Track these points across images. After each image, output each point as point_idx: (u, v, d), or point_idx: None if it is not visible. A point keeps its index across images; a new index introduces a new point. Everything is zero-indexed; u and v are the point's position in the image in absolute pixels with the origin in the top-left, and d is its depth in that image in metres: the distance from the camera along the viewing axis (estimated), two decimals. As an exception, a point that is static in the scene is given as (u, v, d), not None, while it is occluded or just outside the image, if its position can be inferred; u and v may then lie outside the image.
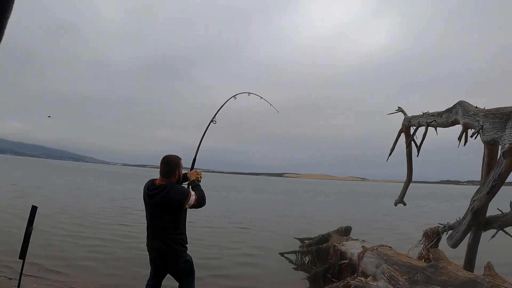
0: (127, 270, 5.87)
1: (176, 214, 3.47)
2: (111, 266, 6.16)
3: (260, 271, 6.80)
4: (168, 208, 3.43)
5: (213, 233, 10.46)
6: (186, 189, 3.57)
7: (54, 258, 6.36)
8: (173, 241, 3.48)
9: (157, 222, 3.52)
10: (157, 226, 3.52)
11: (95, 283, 5.23)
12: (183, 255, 3.59)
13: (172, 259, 3.55)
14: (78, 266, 5.98)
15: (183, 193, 3.43)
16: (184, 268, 3.62)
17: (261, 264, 7.22)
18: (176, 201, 3.40)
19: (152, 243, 3.58)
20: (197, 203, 3.47)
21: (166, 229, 3.48)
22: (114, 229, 9.34)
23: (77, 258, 6.47)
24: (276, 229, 11.83)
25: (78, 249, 7.12)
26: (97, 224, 10.11)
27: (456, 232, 3.76)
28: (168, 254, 3.53)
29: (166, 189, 3.42)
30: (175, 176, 3.56)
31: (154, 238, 3.56)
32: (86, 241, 7.86)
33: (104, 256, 6.84)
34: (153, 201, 3.47)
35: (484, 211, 3.34)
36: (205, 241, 9.05)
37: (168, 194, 3.39)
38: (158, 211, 3.47)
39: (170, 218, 3.46)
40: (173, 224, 3.48)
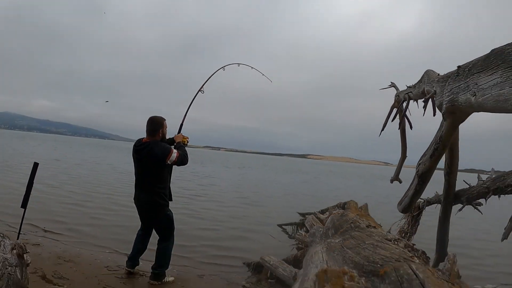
0: (125, 236, 6.21)
1: (158, 168, 3.88)
2: (110, 232, 6.49)
3: (252, 240, 6.97)
4: (151, 162, 3.85)
5: (219, 206, 10.73)
6: (169, 146, 3.98)
7: (55, 222, 6.77)
8: (155, 194, 3.89)
9: (142, 175, 3.96)
10: (142, 180, 3.97)
11: (92, 244, 5.58)
12: (164, 209, 3.99)
13: (154, 211, 3.97)
14: (78, 230, 6.35)
15: (165, 150, 3.85)
16: (163, 221, 4.03)
17: (256, 235, 7.39)
18: (158, 156, 3.81)
19: (138, 195, 4.01)
20: (179, 160, 3.91)
21: (149, 182, 3.90)
22: (121, 200, 9.74)
23: (79, 223, 6.85)
24: (283, 206, 11.95)
25: (81, 216, 7.52)
26: (105, 195, 10.58)
27: (405, 197, 3.78)
28: (150, 206, 3.95)
29: (149, 146, 3.86)
30: (159, 135, 3.99)
31: (139, 190, 4.00)
32: (90, 210, 8.28)
33: (105, 223, 7.20)
34: (138, 156, 3.93)
35: (429, 175, 3.33)
36: (208, 213, 9.32)
37: (151, 150, 3.83)
38: (143, 166, 3.92)
39: (153, 172, 3.88)
40: (156, 178, 3.90)
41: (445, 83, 2.70)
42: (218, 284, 4.34)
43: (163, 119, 4.09)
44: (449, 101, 2.45)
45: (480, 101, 1.86)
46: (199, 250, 5.93)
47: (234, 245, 6.57)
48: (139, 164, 3.99)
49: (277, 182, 23.96)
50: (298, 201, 13.12)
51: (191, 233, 6.91)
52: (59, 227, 6.36)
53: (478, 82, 1.93)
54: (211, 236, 7.09)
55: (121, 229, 6.63)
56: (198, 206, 10.22)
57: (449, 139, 2.92)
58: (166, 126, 4.10)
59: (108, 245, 5.60)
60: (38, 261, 4.21)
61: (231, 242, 6.79)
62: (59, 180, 12.77)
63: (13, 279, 1.81)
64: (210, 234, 7.22)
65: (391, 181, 7.80)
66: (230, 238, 7.11)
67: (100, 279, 3.96)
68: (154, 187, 3.89)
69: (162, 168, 3.90)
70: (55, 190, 10.45)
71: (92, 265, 4.43)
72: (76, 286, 3.66)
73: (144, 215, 4.09)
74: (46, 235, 5.72)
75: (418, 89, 4.16)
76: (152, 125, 3.98)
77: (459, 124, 2.82)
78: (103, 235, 6.20)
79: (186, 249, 5.68)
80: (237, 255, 5.84)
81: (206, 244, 6.38)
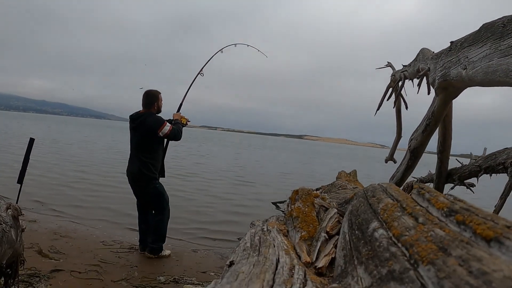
0: (121, 212, 6.25)
1: (149, 139, 3.99)
2: (106, 208, 6.54)
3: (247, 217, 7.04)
4: (143, 132, 3.98)
5: (213, 184, 10.79)
6: (162, 119, 4.07)
7: (51, 199, 6.81)
8: (143, 164, 3.98)
9: (133, 145, 4.08)
10: (133, 149, 4.09)
11: (88, 220, 5.61)
12: (152, 181, 4.04)
13: (142, 183, 4.05)
14: (74, 207, 6.39)
15: (158, 121, 3.98)
16: (152, 194, 4.09)
17: (251, 212, 7.42)
18: (150, 126, 3.94)
19: (129, 165, 4.13)
20: (171, 134, 4.01)
21: (139, 152, 4.01)
22: (117, 178, 9.77)
23: (74, 200, 6.90)
24: (278, 185, 12.06)
25: (76, 193, 7.57)
26: (100, 173, 10.61)
27: (397, 172, 3.83)
28: (138, 177, 4.03)
29: (144, 116, 4.01)
30: (154, 108, 4.10)
31: (130, 161, 4.12)
32: (86, 187, 8.33)
33: (100, 199, 7.25)
34: (133, 125, 4.07)
35: (421, 150, 3.37)
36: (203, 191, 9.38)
37: (144, 120, 3.98)
38: (136, 135, 4.04)
39: (143, 142, 4.00)
40: (145, 148, 4.00)
41: (438, 59, 2.70)
42: (212, 258, 4.42)
43: (158, 93, 4.17)
44: (441, 76, 2.46)
45: (471, 74, 1.87)
46: (194, 227, 6.00)
47: (228, 222, 6.66)
48: (132, 134, 4.11)
49: (273, 161, 24.11)
50: (294, 180, 13.21)
51: (186, 210, 6.98)
52: (55, 204, 6.41)
53: (469, 56, 1.94)
54: (205, 212, 7.17)
55: (117, 206, 6.69)
56: (192, 184, 10.30)
57: (441, 115, 2.94)
58: (161, 99, 4.18)
59: (103, 221, 5.66)
60: (34, 236, 4.27)
61: (226, 219, 6.87)
62: (55, 159, 12.78)
63: (7, 237, 1.79)
64: (205, 211, 7.29)
65: (386, 160, 7.85)
66: (224, 215, 7.19)
67: (95, 253, 4.02)
68: (143, 158, 3.98)
69: (153, 139, 4.00)
70: (51, 169, 10.46)
71: (87, 240, 4.50)
72: (72, 260, 3.72)
73: (134, 188, 4.16)
74: (42, 211, 5.77)
75: (413, 68, 4.14)
76: (148, 98, 4.10)
77: (451, 100, 2.84)
78: (98, 211, 6.25)
79: (180, 226, 5.75)
80: (231, 231, 5.92)
81: (201, 221, 6.46)
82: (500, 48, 1.67)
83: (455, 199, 0.80)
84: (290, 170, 18.28)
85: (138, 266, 3.79)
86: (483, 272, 0.47)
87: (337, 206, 1.74)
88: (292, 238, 1.51)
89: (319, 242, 1.34)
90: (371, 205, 1.16)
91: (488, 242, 0.55)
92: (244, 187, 11.15)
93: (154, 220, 4.13)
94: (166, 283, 3.42)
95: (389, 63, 6.75)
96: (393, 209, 0.98)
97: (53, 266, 3.46)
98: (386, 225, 0.90)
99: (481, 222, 0.61)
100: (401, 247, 0.73)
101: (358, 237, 1.01)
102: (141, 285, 3.28)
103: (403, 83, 5.68)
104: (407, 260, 0.65)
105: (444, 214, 0.75)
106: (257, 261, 0.94)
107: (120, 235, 4.89)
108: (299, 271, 0.86)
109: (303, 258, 1.21)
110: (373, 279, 0.69)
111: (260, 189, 10.95)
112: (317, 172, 18.88)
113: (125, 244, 4.48)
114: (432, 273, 0.54)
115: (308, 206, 1.73)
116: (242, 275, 0.78)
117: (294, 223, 1.62)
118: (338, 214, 1.58)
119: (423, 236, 0.69)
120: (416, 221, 0.81)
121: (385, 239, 0.82)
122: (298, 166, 22.04)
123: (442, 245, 0.60)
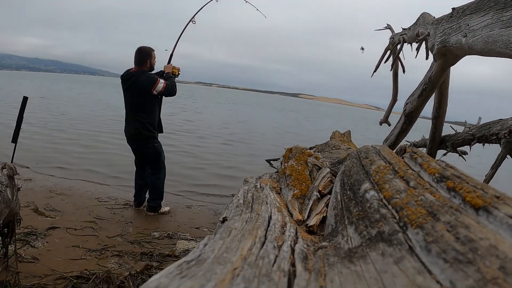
0: (116, 169, 6.26)
1: (143, 98, 3.88)
2: (101, 165, 6.51)
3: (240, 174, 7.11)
4: (137, 92, 3.86)
5: (207, 142, 10.76)
6: (155, 76, 3.95)
7: (45, 157, 6.81)
8: (141, 124, 3.92)
9: (128, 106, 3.99)
10: (128, 110, 3.99)
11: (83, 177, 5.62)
12: (151, 141, 4.02)
13: (140, 142, 4.02)
14: (69, 164, 6.38)
15: (151, 80, 3.84)
16: (150, 153, 4.08)
17: (244, 169, 7.47)
18: (144, 85, 3.82)
19: (126, 126, 4.04)
20: (166, 90, 3.90)
21: (134, 112, 3.93)
22: (111, 134, 9.69)
23: (69, 158, 6.88)
24: (272, 143, 12.07)
25: (71, 151, 7.53)
26: (94, 130, 10.48)
27: (391, 135, 3.88)
28: (136, 137, 3.99)
29: (136, 75, 3.86)
30: (147, 65, 3.94)
31: (127, 121, 4.02)
32: (80, 144, 8.27)
33: (95, 156, 7.22)
34: (125, 86, 3.93)
35: (416, 114, 3.39)
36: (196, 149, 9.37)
37: (137, 79, 3.83)
38: (129, 95, 3.93)
39: (138, 101, 3.90)
40: (141, 108, 3.91)
41: (438, 25, 2.64)
42: (205, 214, 4.53)
43: (152, 50, 4.00)
44: (441, 42, 2.42)
45: (471, 42, 1.84)
46: (187, 183, 6.05)
47: (222, 178, 6.71)
48: (125, 94, 3.99)
49: (267, 119, 24.08)
50: (288, 139, 13.27)
51: (180, 166, 7.03)
52: (50, 162, 6.38)
53: (470, 23, 1.90)
54: (199, 168, 7.23)
55: (112, 162, 6.73)
56: (186, 142, 10.29)
57: (438, 81, 2.92)
58: (154, 56, 4.01)
59: (98, 178, 5.68)
60: (30, 195, 4.30)
61: (219, 175, 6.92)
62: (50, 116, 12.58)
63: (3, 197, 1.80)
64: (199, 167, 7.34)
65: (380, 123, 7.90)
66: (218, 171, 7.23)
67: (91, 210, 4.09)
68: (140, 119, 3.91)
69: (148, 98, 3.89)
70: (46, 126, 10.33)
71: (83, 197, 4.54)
72: (67, 217, 3.77)
73: (133, 147, 4.15)
74: (37, 170, 5.75)
75: (413, 32, 4.05)
76: (140, 55, 3.93)
77: (449, 67, 2.81)
78: (93, 168, 6.25)
79: (174, 182, 5.81)
80: (224, 187, 5.99)
81: (194, 177, 6.52)
82: (502, 19, 1.64)
83: (447, 165, 0.81)
84: (284, 128, 18.29)
85: (133, 222, 3.88)
86: (470, 239, 0.49)
87: (330, 165, 1.76)
88: (285, 196, 1.54)
89: (311, 201, 1.37)
90: (364, 166, 1.17)
91: (477, 210, 0.56)
92: (237, 143, 11.16)
93: (151, 179, 4.16)
94: (160, 238, 3.52)
95: (389, 25, 6.60)
96: (385, 171, 0.99)
97: (49, 223, 3.51)
98: (378, 187, 0.92)
99: (471, 190, 0.62)
100: (391, 210, 0.74)
101: (349, 197, 1.03)
102: (136, 240, 3.36)
103: (402, 46, 5.59)
104: (396, 222, 0.67)
105: (435, 180, 0.77)
106: (249, 218, 0.96)
107: (115, 192, 4.95)
108: (290, 229, 0.89)
109: (295, 216, 1.25)
110: (362, 239, 0.71)
111: (253, 146, 10.99)
112: (310, 131, 18.94)
113: (120, 201, 4.55)
114: (421, 237, 0.56)
115: (302, 165, 1.76)
116: (234, 231, 0.81)
117: (287, 181, 1.64)
118: (331, 173, 1.61)
119: (414, 200, 0.71)
120: (407, 185, 0.82)
121: (376, 201, 0.84)
122: (292, 125, 22.07)
123: (431, 210, 0.62)
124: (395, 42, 6.06)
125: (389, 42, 6.38)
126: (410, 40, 4.23)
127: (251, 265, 0.55)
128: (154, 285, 0.46)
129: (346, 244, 0.77)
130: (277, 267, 0.57)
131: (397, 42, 5.91)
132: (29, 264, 2.65)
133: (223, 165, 7.85)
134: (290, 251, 0.68)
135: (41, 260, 2.75)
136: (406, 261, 0.53)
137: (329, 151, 2.93)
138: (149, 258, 3.00)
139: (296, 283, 0.53)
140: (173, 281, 0.47)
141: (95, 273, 2.57)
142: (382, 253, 0.59)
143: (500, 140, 3.03)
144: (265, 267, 0.55)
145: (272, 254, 0.63)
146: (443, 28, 2.43)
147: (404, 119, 3.50)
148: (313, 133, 17.59)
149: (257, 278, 0.50)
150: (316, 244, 0.82)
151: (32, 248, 2.94)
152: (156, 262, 2.94)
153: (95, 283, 2.45)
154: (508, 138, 2.92)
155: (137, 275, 2.63)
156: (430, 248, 0.52)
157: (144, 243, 3.33)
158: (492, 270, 0.41)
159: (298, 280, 0.55)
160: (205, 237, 0.82)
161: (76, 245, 3.10)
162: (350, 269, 0.58)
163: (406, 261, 0.53)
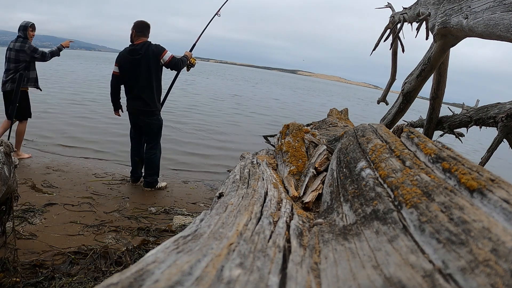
0: (112, 144, 6.24)
1: (153, 68, 3.94)
2: (97, 141, 6.50)
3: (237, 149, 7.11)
4: (147, 61, 3.90)
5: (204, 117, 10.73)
6: (162, 46, 4.04)
7: (42, 136, 6.73)
8: (151, 98, 3.99)
9: (136, 78, 3.96)
10: (134, 83, 3.97)
11: (80, 153, 5.62)
12: (156, 114, 4.09)
13: (147, 115, 4.06)
14: (65, 140, 6.36)
15: (160, 48, 3.97)
16: (153, 125, 4.13)
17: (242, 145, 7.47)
18: (154, 53, 3.92)
19: (131, 101, 4.06)
20: (172, 61, 4.00)
21: (146, 85, 3.95)
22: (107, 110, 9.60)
23: (65, 134, 6.85)
24: (268, 118, 12.12)
25: (67, 127, 7.49)
26: (91, 105, 10.43)
27: (388, 114, 3.88)
28: (144, 109, 4.03)
29: (147, 44, 3.95)
30: (148, 36, 4.05)
31: (133, 96, 4.03)
32: (76, 120, 8.23)
33: (91, 130, 7.20)
34: (136, 56, 3.92)
35: (414, 94, 3.39)
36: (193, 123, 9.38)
37: (149, 47, 3.92)
38: (141, 68, 3.91)
39: (150, 72, 3.94)
40: (152, 79, 3.96)
41: (440, 5, 2.59)
42: (202, 189, 4.57)
43: (148, 24, 4.10)
44: (442, 23, 2.38)
45: (471, 25, 1.82)
46: (184, 158, 6.10)
47: (218, 154, 6.75)
48: (132, 67, 3.94)
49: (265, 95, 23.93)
50: (284, 115, 13.25)
51: (177, 141, 7.04)
52: (47, 138, 6.33)
53: (472, 5, 1.87)
54: (196, 143, 7.27)
55: (108, 137, 6.74)
56: (183, 116, 10.24)
57: (437, 62, 2.90)
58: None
59: (95, 153, 5.70)
60: (27, 171, 4.32)
61: (216, 150, 6.97)
62: (46, 93, 12.38)
63: (0, 174, 1.80)
64: (195, 142, 7.39)
65: (378, 102, 7.89)
66: (214, 146, 7.29)
67: (88, 185, 4.11)
68: (150, 91, 3.97)
69: (157, 69, 3.98)
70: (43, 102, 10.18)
71: (80, 173, 4.56)
72: (65, 193, 3.79)
73: (138, 122, 4.15)
74: (34, 146, 5.72)
75: (413, 11, 3.99)
76: (143, 26, 4.02)
77: (449, 48, 2.79)
78: (90, 144, 6.24)
79: (171, 157, 5.83)
80: (221, 163, 6.02)
81: (191, 152, 6.56)
82: (505, 2, 1.62)
83: (443, 146, 0.82)
84: (281, 104, 18.23)
85: (129, 198, 3.91)
86: (463, 221, 0.49)
87: (327, 143, 1.76)
88: (281, 172, 1.55)
89: (307, 178, 1.38)
90: (360, 144, 1.18)
91: (471, 192, 0.57)
92: (234, 119, 11.16)
93: (148, 155, 4.18)
94: (157, 213, 3.57)
95: (389, 4, 6.51)
96: (382, 150, 0.99)
97: (47, 200, 3.53)
98: (374, 165, 0.92)
99: (467, 172, 0.62)
100: (387, 188, 0.75)
101: (345, 175, 1.03)
102: (132, 216, 3.41)
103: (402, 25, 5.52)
104: (391, 201, 0.68)
105: (431, 160, 0.77)
106: (246, 194, 0.97)
107: (112, 168, 4.96)
108: (286, 205, 0.90)
109: (291, 192, 1.26)
110: (357, 217, 0.72)
111: (251, 122, 10.99)
112: (308, 107, 18.89)
113: (117, 176, 4.57)
114: (415, 216, 0.57)
115: (298, 141, 1.76)
116: (231, 206, 0.81)
117: (283, 158, 1.65)
118: (327, 151, 1.61)
119: (409, 179, 0.71)
120: (403, 164, 0.83)
121: (371, 179, 0.84)
122: (290, 101, 21.96)
123: (426, 190, 0.63)
124: (395, 21, 5.97)
125: (389, 20, 6.29)
126: (411, 19, 4.16)
127: (247, 240, 0.56)
128: (151, 259, 0.47)
129: (341, 221, 0.78)
130: (272, 242, 0.57)
131: (397, 21, 5.83)
132: (27, 241, 2.68)
133: (219, 138, 7.85)
134: (285, 227, 0.69)
135: (39, 236, 2.77)
136: (400, 240, 0.54)
137: (326, 128, 2.93)
138: (146, 233, 3.04)
139: (291, 259, 0.54)
140: (169, 256, 0.48)
141: (92, 248, 2.61)
142: (376, 231, 0.60)
143: (497, 123, 3.04)
144: (261, 242, 0.56)
145: (268, 230, 0.64)
146: (444, 9, 2.39)
147: (402, 99, 3.49)
148: (310, 110, 17.55)
149: (253, 254, 0.50)
150: (311, 221, 0.83)
151: (30, 224, 2.96)
152: (153, 237, 2.99)
153: (92, 258, 2.49)
154: (506, 122, 2.92)
155: (134, 250, 2.68)
156: (424, 227, 0.52)
157: (141, 219, 3.37)
158: (484, 252, 0.42)
159: (293, 256, 0.55)
160: (202, 212, 0.83)
161: (74, 221, 3.13)
162: (345, 246, 0.59)
163: (400, 240, 0.54)
